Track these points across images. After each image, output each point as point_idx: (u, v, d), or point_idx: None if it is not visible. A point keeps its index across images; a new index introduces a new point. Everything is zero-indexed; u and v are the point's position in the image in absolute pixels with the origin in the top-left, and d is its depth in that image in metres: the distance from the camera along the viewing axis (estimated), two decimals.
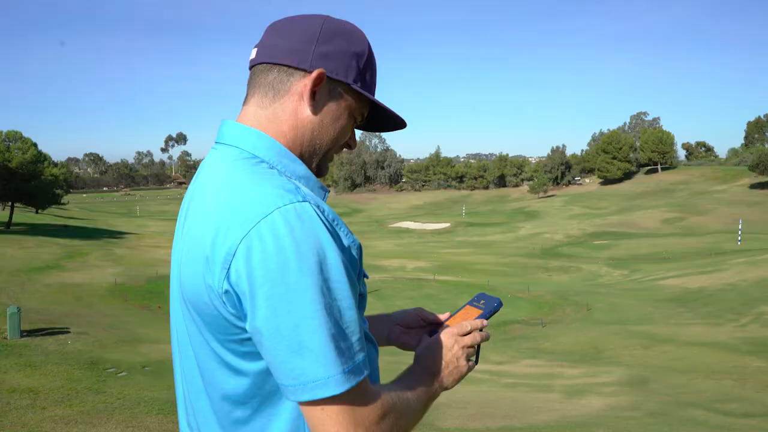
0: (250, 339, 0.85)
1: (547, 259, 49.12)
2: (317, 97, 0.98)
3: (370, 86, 1.05)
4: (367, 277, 1.00)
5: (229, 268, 0.82)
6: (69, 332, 15.26)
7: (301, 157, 1.00)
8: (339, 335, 0.82)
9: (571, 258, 49.69)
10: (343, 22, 1.02)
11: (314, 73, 0.96)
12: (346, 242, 0.89)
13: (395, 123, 1.12)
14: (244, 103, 1.02)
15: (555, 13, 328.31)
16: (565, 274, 42.50)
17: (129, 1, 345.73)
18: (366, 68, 1.02)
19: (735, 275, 32.99)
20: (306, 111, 0.98)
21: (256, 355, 0.86)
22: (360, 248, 0.93)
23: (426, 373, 1.04)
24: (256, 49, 1.01)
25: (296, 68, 0.97)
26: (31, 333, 14.36)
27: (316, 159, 1.03)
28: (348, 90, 1.01)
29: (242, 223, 0.82)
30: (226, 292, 0.83)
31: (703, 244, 51.22)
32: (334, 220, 0.88)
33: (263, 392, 0.89)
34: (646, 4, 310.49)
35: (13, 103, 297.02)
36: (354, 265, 0.90)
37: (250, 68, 1.02)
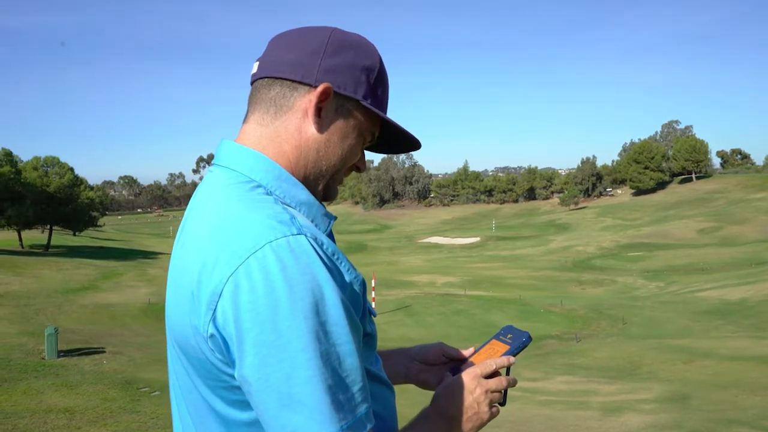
0: (240, 387, 0.77)
1: (580, 272, 48.35)
2: (323, 114, 0.90)
3: (382, 103, 0.96)
4: (375, 315, 0.92)
5: (215, 310, 0.74)
6: (104, 352, 15.54)
7: (306, 179, 0.92)
8: (337, 386, 0.74)
9: (604, 270, 48.83)
10: (352, 34, 0.95)
11: (320, 88, 0.88)
12: (347, 278, 0.81)
13: (409, 143, 1.03)
14: (244, 120, 0.95)
15: (583, 24, 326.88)
16: (599, 287, 41.72)
17: (161, 25, 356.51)
18: (377, 84, 0.94)
19: None
20: (311, 129, 0.90)
21: (247, 405, 0.78)
22: (363, 284, 0.85)
23: (442, 418, 0.95)
24: (257, 62, 0.94)
25: (300, 83, 0.89)
26: (68, 353, 14.67)
27: (323, 181, 0.94)
28: (357, 107, 0.92)
29: (230, 259, 0.75)
30: (212, 336, 0.75)
31: (742, 253, 49.81)
32: (334, 254, 0.81)
33: None
34: (674, 11, 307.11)
35: (50, 130, 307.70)
36: (356, 304, 0.82)
37: (252, 83, 0.95)
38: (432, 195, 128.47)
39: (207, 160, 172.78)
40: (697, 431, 10.42)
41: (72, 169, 47.30)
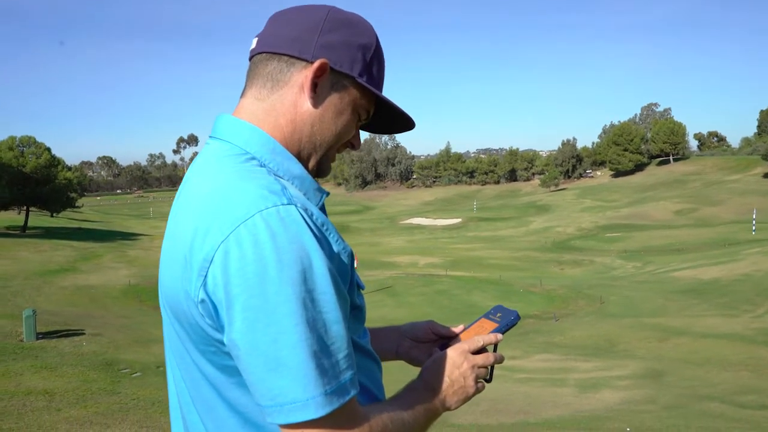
0: (228, 353, 0.78)
1: (560, 253, 48.96)
2: (319, 90, 0.91)
3: (377, 81, 0.98)
4: (363, 288, 0.93)
5: (206, 276, 0.76)
6: (84, 334, 15.41)
7: (300, 153, 0.93)
8: (322, 352, 0.75)
9: (583, 251, 49.50)
10: (349, 13, 0.97)
11: (316, 63, 0.89)
12: (335, 249, 0.83)
13: (404, 123, 1.04)
14: (242, 95, 0.96)
15: (564, 6, 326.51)
16: (578, 268, 42.31)
17: (140, 4, 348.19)
18: (373, 61, 0.96)
19: (750, 266, 32.68)
20: (306, 104, 0.91)
21: (235, 370, 0.80)
22: (352, 256, 0.87)
23: (428, 389, 0.97)
24: (256, 38, 0.95)
25: (298, 58, 0.91)
26: (46, 335, 14.52)
27: (316, 156, 0.95)
28: (353, 84, 0.94)
29: (221, 227, 0.76)
30: (202, 301, 0.77)
31: (717, 234, 50.83)
32: (323, 225, 0.82)
33: (248, 409, 0.83)
34: None
35: (26, 109, 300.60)
36: (344, 274, 0.84)
37: (250, 58, 0.96)
38: (414, 176, 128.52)
39: (187, 141, 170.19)
40: (670, 406, 10.71)
41: (49, 149, 46.36)
